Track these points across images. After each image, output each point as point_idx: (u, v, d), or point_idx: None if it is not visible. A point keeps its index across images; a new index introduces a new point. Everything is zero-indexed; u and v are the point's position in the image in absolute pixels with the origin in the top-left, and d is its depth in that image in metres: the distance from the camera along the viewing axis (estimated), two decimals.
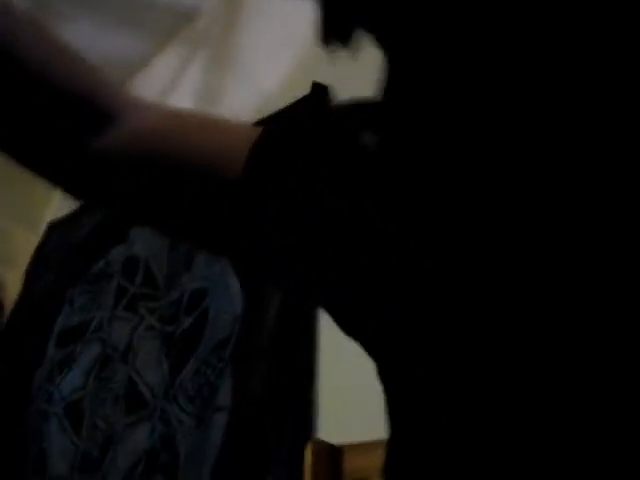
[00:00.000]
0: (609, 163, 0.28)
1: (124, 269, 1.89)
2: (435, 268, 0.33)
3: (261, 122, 1.49)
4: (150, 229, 0.56)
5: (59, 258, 2.15)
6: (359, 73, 0.82)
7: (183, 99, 2.07)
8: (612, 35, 0.28)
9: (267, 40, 1.83)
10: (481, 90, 0.31)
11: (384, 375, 0.37)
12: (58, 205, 2.32)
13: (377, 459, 0.38)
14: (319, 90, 1.35)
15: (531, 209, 0.30)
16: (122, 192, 0.50)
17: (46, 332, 2.00)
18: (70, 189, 0.53)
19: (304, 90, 1.41)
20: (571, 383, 0.29)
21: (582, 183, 0.29)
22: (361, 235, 0.36)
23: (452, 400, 0.32)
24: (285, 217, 0.41)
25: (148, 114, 0.51)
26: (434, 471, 0.33)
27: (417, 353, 0.34)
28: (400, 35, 0.33)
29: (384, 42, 0.34)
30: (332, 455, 1.18)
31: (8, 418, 1.90)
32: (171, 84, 2.21)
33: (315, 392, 1.30)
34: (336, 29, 0.35)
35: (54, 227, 2.27)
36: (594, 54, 0.28)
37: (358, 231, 0.37)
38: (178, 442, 1.46)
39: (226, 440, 1.37)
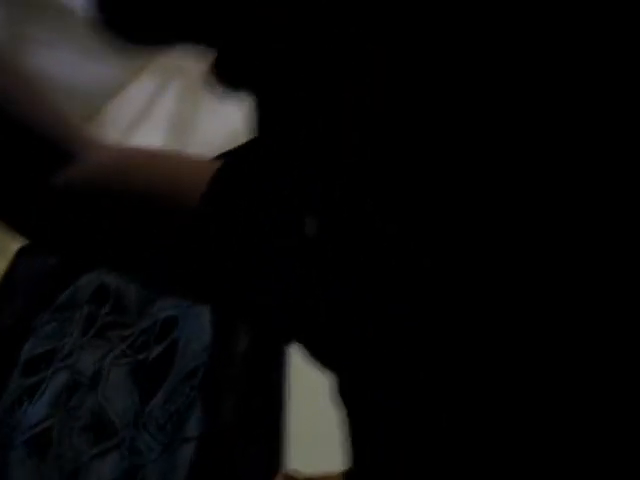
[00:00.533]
0: (609, 163, 0.29)
1: (94, 297, 1.87)
2: (435, 268, 0.33)
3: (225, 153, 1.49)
4: (114, 273, 0.54)
5: (27, 285, 2.12)
6: None
7: (156, 127, 2.07)
8: (612, 35, 0.28)
9: None
10: (475, 91, 0.31)
11: (371, 391, 0.37)
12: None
13: None
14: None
15: (531, 209, 0.30)
16: (82, 230, 0.49)
17: (12, 360, 1.97)
18: (25, 228, 0.51)
19: None
20: (571, 383, 0.29)
21: (582, 183, 0.29)
22: (361, 235, 0.36)
23: (453, 400, 0.32)
24: (285, 216, 0.41)
25: (109, 152, 0.51)
26: (434, 471, 0.33)
27: (417, 353, 0.34)
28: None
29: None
30: None
31: None
32: (145, 112, 2.20)
33: (285, 422, 1.29)
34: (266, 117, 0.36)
35: (23, 253, 2.24)
36: (594, 54, 0.29)
37: (358, 231, 0.37)
38: (146, 472, 1.44)
39: (194, 470, 1.35)
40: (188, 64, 2.12)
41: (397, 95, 0.32)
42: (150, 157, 0.50)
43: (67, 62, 2.24)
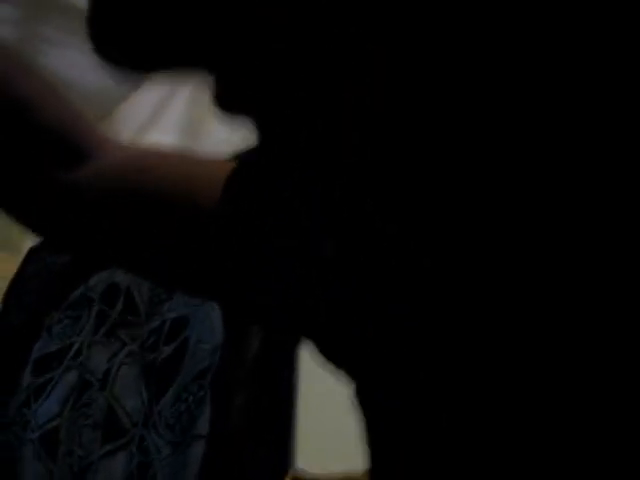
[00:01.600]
0: (609, 163, 0.28)
1: (105, 296, 1.87)
2: (435, 268, 0.33)
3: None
4: (126, 270, 0.54)
5: (38, 284, 2.12)
6: None
7: (167, 129, 2.07)
8: (612, 35, 0.28)
9: None
10: (474, 92, 0.31)
11: (372, 391, 0.37)
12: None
13: None
14: None
15: (530, 209, 0.30)
16: (93, 228, 0.49)
17: (23, 359, 1.97)
18: (38, 225, 0.52)
19: None
20: (571, 383, 0.29)
21: (582, 184, 0.29)
22: (361, 235, 0.36)
23: (453, 400, 0.32)
24: (283, 218, 0.42)
25: (123, 151, 0.51)
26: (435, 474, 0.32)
27: (417, 353, 0.34)
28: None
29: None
30: None
31: None
32: (156, 114, 2.21)
33: (295, 423, 1.29)
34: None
35: (34, 252, 2.24)
36: (594, 54, 0.28)
37: (358, 231, 0.36)
38: (156, 471, 1.44)
39: (204, 469, 1.36)
40: None
41: (397, 95, 0.32)
42: (163, 157, 0.51)
43: (79, 63, 2.24)
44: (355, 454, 0.41)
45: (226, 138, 1.79)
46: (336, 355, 0.42)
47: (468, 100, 0.31)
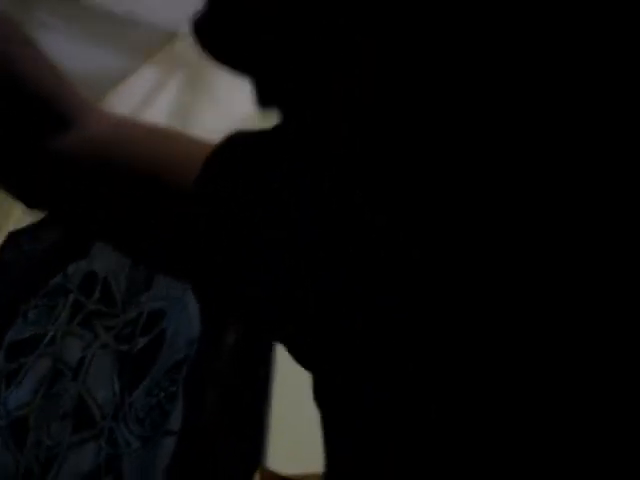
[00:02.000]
0: (609, 163, 0.28)
1: (82, 285, 1.86)
2: (424, 260, 0.33)
3: None
4: (107, 246, 0.54)
5: (16, 270, 2.12)
6: None
7: (157, 117, 2.08)
8: (612, 35, 0.28)
9: None
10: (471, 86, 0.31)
11: (359, 384, 0.37)
12: (19, 216, 2.29)
13: None
14: None
15: (518, 200, 0.30)
16: (76, 198, 0.49)
17: None
18: (23, 193, 0.51)
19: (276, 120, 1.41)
20: (565, 379, 0.29)
21: (579, 181, 0.29)
22: (350, 226, 0.36)
23: (442, 392, 0.32)
24: (273, 209, 0.41)
25: (109, 121, 0.51)
26: (422, 467, 0.32)
27: (406, 345, 0.34)
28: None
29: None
30: None
31: None
32: (145, 102, 2.21)
33: (268, 421, 1.28)
34: (267, 100, 0.37)
35: (13, 237, 2.24)
36: (594, 54, 0.28)
37: (347, 222, 0.36)
38: (123, 464, 1.43)
39: (174, 465, 1.35)
40: (191, 55, 2.12)
41: (386, 86, 0.32)
42: (150, 132, 0.50)
43: (71, 49, 2.24)
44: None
45: (215, 126, 1.78)
46: (313, 353, 0.41)
47: (456, 92, 0.31)
